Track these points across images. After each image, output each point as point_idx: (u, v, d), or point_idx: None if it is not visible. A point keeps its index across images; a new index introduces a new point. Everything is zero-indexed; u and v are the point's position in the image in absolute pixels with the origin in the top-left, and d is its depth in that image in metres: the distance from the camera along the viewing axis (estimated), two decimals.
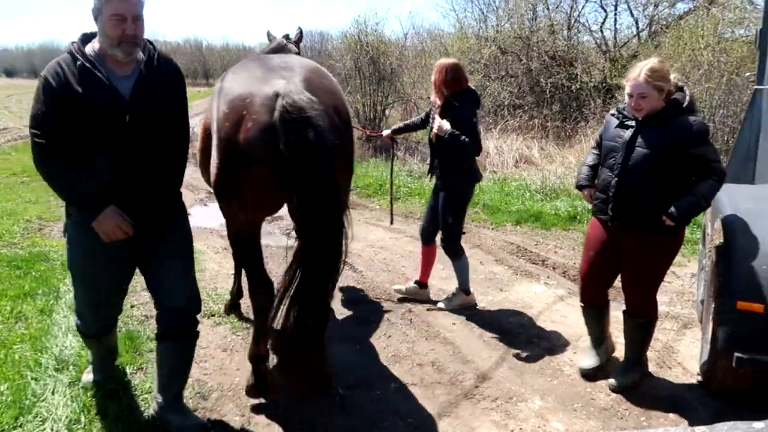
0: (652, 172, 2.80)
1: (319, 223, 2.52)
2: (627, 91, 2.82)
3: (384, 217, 6.96)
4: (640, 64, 2.82)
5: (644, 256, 2.94)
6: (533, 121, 11.04)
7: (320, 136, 2.41)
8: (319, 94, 2.57)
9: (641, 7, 11.86)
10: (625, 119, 2.93)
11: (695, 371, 3.30)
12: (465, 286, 4.25)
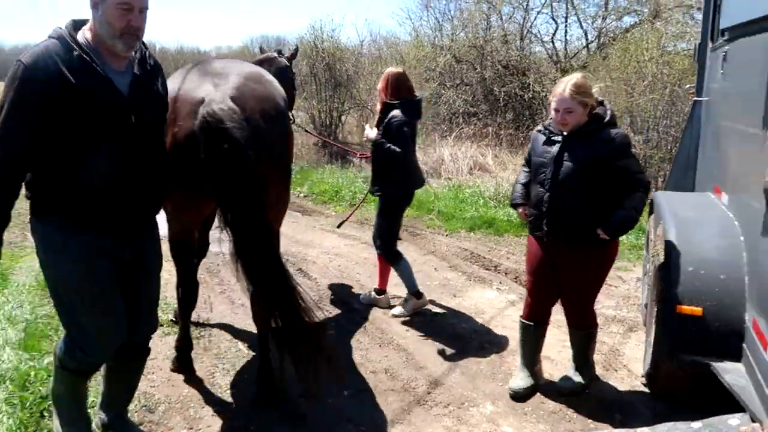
0: (580, 186, 2.83)
1: (240, 233, 2.51)
2: (553, 106, 2.85)
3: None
4: (565, 79, 2.87)
5: (577, 270, 2.97)
6: (487, 129, 11.21)
7: (235, 149, 2.42)
8: (249, 102, 2.62)
9: (590, 19, 12.24)
10: (552, 135, 2.95)
11: (640, 373, 3.40)
12: (413, 289, 4.26)
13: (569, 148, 2.86)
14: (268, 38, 31.60)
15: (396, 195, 4.15)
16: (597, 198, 2.84)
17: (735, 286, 2.64)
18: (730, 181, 3.11)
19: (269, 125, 2.71)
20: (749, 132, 2.69)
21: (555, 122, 2.90)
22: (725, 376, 2.47)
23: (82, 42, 2.11)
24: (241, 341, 3.83)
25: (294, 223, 6.73)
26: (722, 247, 2.80)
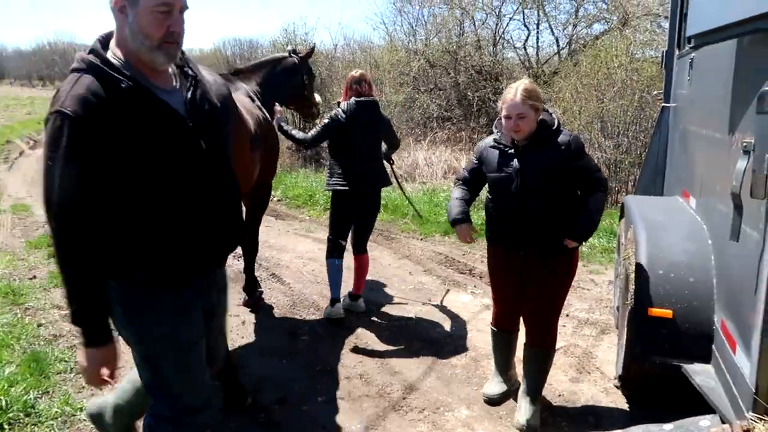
0: (550, 194, 2.76)
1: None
2: (504, 113, 2.73)
3: (314, 228, 6.89)
4: (513, 85, 2.76)
5: (547, 281, 2.89)
6: (461, 134, 11.29)
7: None
8: None
9: (561, 26, 12.43)
10: (506, 147, 2.84)
11: (612, 375, 3.43)
12: (332, 295, 4.23)
13: (530, 158, 2.76)
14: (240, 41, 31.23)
15: (331, 191, 4.14)
16: (564, 205, 2.80)
17: (704, 289, 2.69)
18: (697, 186, 3.17)
19: None
20: (716, 137, 2.75)
21: (507, 130, 2.77)
22: (695, 377, 2.51)
23: (118, 65, 1.71)
24: None
25: (268, 227, 6.65)
26: (691, 250, 2.85)
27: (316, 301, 4.61)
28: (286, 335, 4.00)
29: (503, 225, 2.87)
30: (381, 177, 4.16)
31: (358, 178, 3.99)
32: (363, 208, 4.14)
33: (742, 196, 2.17)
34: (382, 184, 4.17)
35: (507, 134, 2.80)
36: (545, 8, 12.20)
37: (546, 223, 2.78)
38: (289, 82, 4.53)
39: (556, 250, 2.82)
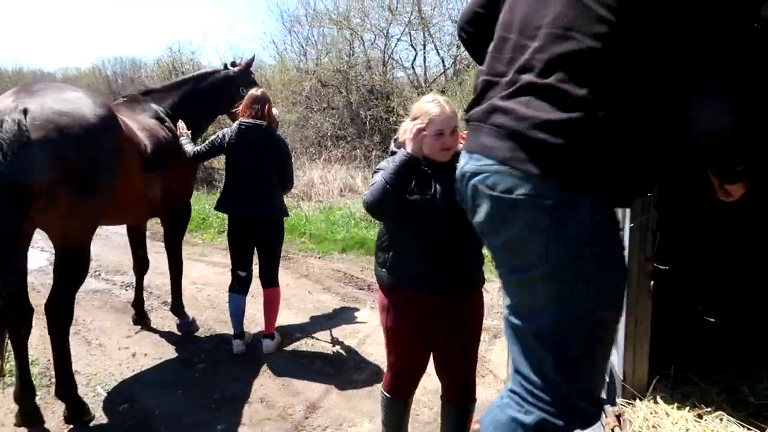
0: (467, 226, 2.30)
1: None
2: (435, 129, 2.27)
3: (208, 251, 6.68)
4: (430, 99, 2.36)
5: (469, 323, 2.47)
6: (356, 152, 11.47)
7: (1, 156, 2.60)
8: (47, 116, 2.77)
9: (446, 47, 13.07)
10: (424, 167, 2.35)
11: (504, 377, 3.63)
12: (233, 330, 4.05)
13: (445, 182, 2.28)
14: (122, 60, 29.80)
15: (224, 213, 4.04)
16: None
17: None
18: None
19: (65, 139, 2.79)
20: None
21: (435, 150, 2.31)
22: None
23: None
24: (99, 384, 3.53)
25: (158, 253, 6.35)
26: None
27: (212, 327, 4.48)
28: (181, 365, 3.84)
29: (422, 261, 2.33)
30: (269, 204, 3.85)
31: (242, 202, 3.80)
32: (255, 235, 3.92)
33: None
34: (269, 211, 3.86)
35: (433, 155, 2.33)
36: (430, 30, 12.79)
37: (471, 257, 2.40)
38: (219, 96, 4.40)
39: (474, 283, 2.45)
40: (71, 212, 2.87)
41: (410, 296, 2.39)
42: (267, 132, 3.80)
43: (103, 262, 6.12)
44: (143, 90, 4.29)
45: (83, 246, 3.07)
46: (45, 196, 2.74)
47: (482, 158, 1.53)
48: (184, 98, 4.25)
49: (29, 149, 2.66)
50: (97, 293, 5.18)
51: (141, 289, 4.46)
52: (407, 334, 2.44)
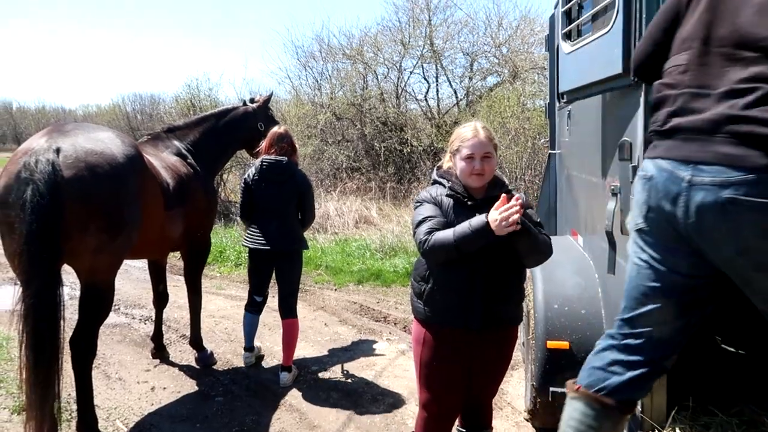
0: (508, 254, 2.28)
1: (26, 275, 2.75)
2: (464, 153, 2.29)
3: (225, 285, 6.75)
4: (467, 125, 2.39)
5: (499, 359, 2.47)
6: (371, 183, 11.59)
7: (35, 194, 2.70)
8: (79, 155, 2.90)
9: (458, 79, 13.27)
10: (464, 198, 2.32)
11: (522, 409, 3.60)
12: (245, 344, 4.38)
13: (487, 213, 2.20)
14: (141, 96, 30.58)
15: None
16: (518, 265, 2.36)
17: (595, 320, 2.93)
18: (582, 225, 3.48)
19: (95, 178, 2.90)
20: (592, 181, 3.07)
21: (466, 174, 2.30)
22: None
23: None
24: (119, 418, 3.56)
25: (175, 287, 6.43)
26: (581, 284, 3.10)
27: (230, 360, 4.50)
28: (199, 398, 3.86)
29: (459, 296, 2.29)
30: (290, 237, 3.99)
31: (262, 236, 3.96)
32: (274, 266, 4.06)
33: (614, 233, 2.43)
34: (289, 243, 3.99)
35: (465, 180, 2.33)
36: (442, 62, 13.00)
37: (510, 289, 2.37)
38: (239, 132, 4.54)
39: (512, 320, 2.43)
40: (99, 249, 2.96)
41: (446, 331, 2.34)
42: (287, 167, 3.97)
43: (123, 296, 6.20)
44: (166, 127, 4.40)
45: (109, 282, 3.14)
46: (75, 234, 2.84)
47: (727, 169, 1.55)
48: (206, 135, 4.37)
49: (62, 188, 2.77)
50: (117, 327, 5.24)
51: (160, 322, 4.51)
52: (442, 369, 2.38)
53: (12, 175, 2.82)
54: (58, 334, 2.88)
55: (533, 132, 9.46)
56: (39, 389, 2.78)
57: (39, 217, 2.69)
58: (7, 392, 3.84)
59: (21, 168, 2.77)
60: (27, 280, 2.75)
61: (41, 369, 2.77)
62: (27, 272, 2.74)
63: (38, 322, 2.75)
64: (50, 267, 2.77)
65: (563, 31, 3.25)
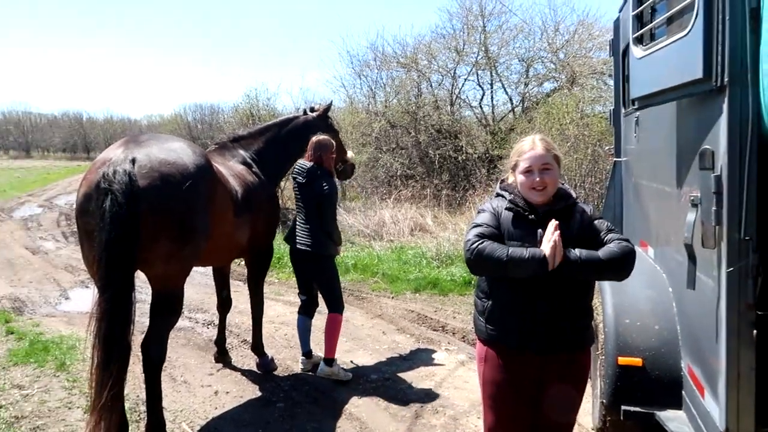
0: (576, 279, 2.17)
1: (104, 280, 2.85)
2: (523, 167, 2.21)
3: (284, 291, 6.85)
4: (527, 139, 2.31)
5: (574, 378, 2.29)
6: (425, 191, 11.55)
7: (114, 204, 2.81)
8: (153, 165, 3.02)
9: (514, 85, 13.08)
10: (525, 212, 2.22)
11: (590, 426, 3.47)
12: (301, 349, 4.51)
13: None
14: (202, 107, 31.70)
15: None
16: (589, 285, 2.27)
17: (669, 336, 2.80)
18: (654, 236, 3.34)
19: (168, 187, 3.01)
20: (665, 190, 2.93)
21: (526, 188, 2.23)
22: (669, 424, 2.57)
23: None
24: (185, 421, 3.65)
25: (236, 292, 6.58)
26: (654, 298, 2.97)
27: (290, 366, 4.55)
28: (261, 404, 3.92)
29: (522, 317, 2.18)
30: (313, 239, 4.13)
31: (294, 237, 4.26)
32: (305, 266, 4.30)
33: (694, 246, 2.32)
34: (312, 246, 4.12)
35: (526, 194, 2.24)
36: (497, 69, 12.85)
37: (576, 315, 2.22)
38: (300, 141, 4.60)
39: (581, 342, 2.27)
40: (170, 257, 3.06)
41: (511, 353, 2.23)
42: (312, 172, 4.15)
43: (186, 301, 6.34)
44: (232, 137, 4.53)
45: (179, 289, 3.24)
46: (148, 242, 2.94)
47: None
48: (268, 143, 4.48)
49: (138, 198, 2.88)
50: (181, 331, 5.39)
51: (223, 327, 4.62)
52: (507, 393, 2.26)
53: (92, 185, 2.96)
54: (128, 338, 2.98)
55: (593, 139, 9.21)
56: (108, 390, 2.88)
57: (117, 227, 2.81)
58: (80, 392, 4.00)
59: (100, 178, 2.89)
60: (103, 286, 2.86)
61: (110, 371, 2.88)
62: (104, 278, 2.86)
63: (112, 327, 2.86)
64: (126, 274, 2.89)
65: (635, 35, 3.13)
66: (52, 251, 9.48)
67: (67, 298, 6.68)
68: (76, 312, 6.11)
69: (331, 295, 4.27)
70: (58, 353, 4.67)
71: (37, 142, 48.65)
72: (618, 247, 2.15)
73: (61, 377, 4.27)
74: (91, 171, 3.08)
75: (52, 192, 19.81)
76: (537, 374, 2.23)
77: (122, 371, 2.97)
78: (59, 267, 8.28)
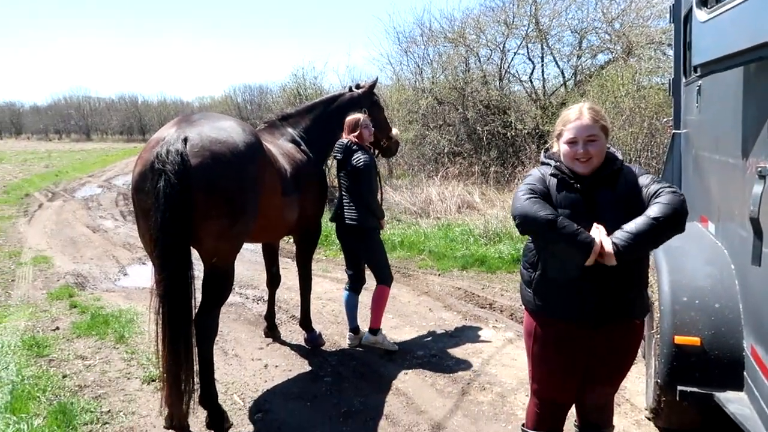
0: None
1: (161, 259, 2.94)
2: (567, 137, 2.16)
3: (331, 268, 6.92)
4: (574, 107, 2.23)
5: (624, 350, 2.28)
6: (473, 168, 11.38)
7: (167, 184, 2.88)
8: (204, 144, 3.05)
9: (566, 58, 12.63)
10: (570, 179, 2.18)
11: (643, 406, 3.37)
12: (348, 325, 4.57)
13: (602, 196, 2.13)
14: (251, 87, 32.17)
15: None
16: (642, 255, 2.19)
17: (731, 314, 2.66)
18: (715, 211, 3.17)
19: (218, 165, 3.04)
20: (729, 162, 2.77)
21: (570, 159, 2.17)
22: (729, 406, 2.45)
23: None
24: (236, 393, 3.75)
25: (285, 269, 6.69)
26: (714, 275, 2.82)
27: (337, 341, 4.60)
28: (309, 378, 3.99)
29: (571, 288, 2.16)
30: (354, 213, 4.22)
31: (338, 211, 4.35)
32: (345, 241, 4.40)
33: (761, 221, 2.17)
34: (354, 219, 4.21)
35: (569, 164, 2.19)
36: (548, 42, 12.42)
37: (623, 286, 2.14)
38: (345, 118, 4.60)
39: (633, 313, 2.22)
40: (221, 234, 3.11)
41: (559, 325, 2.21)
42: (346, 148, 4.22)
43: (237, 277, 6.52)
44: (281, 115, 4.55)
45: (229, 265, 3.30)
46: (200, 220, 3.00)
47: None
48: (315, 121, 4.48)
49: (190, 176, 2.94)
50: (233, 306, 5.53)
51: (273, 303, 4.70)
52: (555, 364, 2.27)
53: (147, 164, 3.03)
54: (190, 313, 3.07)
55: (650, 111, 8.83)
56: (176, 364, 2.98)
57: (171, 206, 2.88)
58: (138, 363, 4.17)
59: (154, 158, 2.96)
60: (161, 265, 2.94)
61: (180, 346, 2.99)
62: (161, 257, 2.94)
63: (173, 303, 2.95)
64: (182, 251, 2.96)
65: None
66: (111, 229, 9.88)
67: (126, 274, 6.95)
68: (133, 287, 6.35)
69: (377, 268, 4.34)
70: (117, 326, 4.87)
71: (96, 125, 50.69)
72: (666, 199, 2.05)
73: (120, 349, 4.46)
74: (146, 150, 3.15)
75: (110, 173, 20.61)
76: (586, 345, 2.21)
77: (187, 345, 3.06)
78: (118, 245, 8.62)
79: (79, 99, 52.44)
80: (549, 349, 2.27)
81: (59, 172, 20.68)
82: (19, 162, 25.51)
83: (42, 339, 4.64)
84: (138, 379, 3.94)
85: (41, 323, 5.09)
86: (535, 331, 2.30)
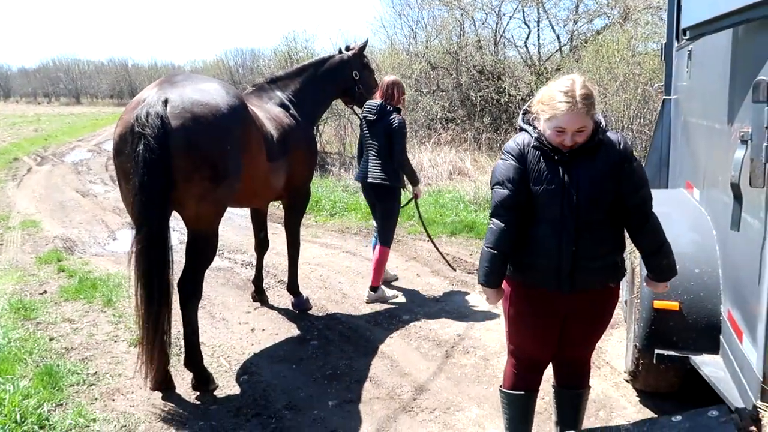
0: (603, 218, 2.15)
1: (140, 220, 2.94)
2: (554, 125, 2.08)
3: (320, 233, 6.92)
4: (564, 86, 2.08)
5: (597, 321, 2.34)
6: (465, 134, 11.30)
7: (147, 148, 2.85)
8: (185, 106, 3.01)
9: (562, 23, 12.41)
10: (551, 152, 2.14)
11: (622, 370, 3.43)
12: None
13: (582, 165, 2.12)
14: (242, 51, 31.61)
15: None
16: (617, 222, 2.21)
17: (710, 280, 2.68)
18: (700, 177, 3.16)
19: (200, 127, 3.01)
20: (716, 128, 2.75)
21: (555, 142, 2.13)
22: (704, 368, 2.50)
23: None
24: (222, 356, 3.79)
25: (274, 234, 6.68)
26: (696, 241, 2.84)
27: (324, 306, 4.63)
28: (295, 341, 4.02)
29: (546, 256, 2.16)
30: (383, 172, 4.46)
31: (362, 171, 4.61)
32: (371, 199, 4.72)
33: (741, 186, 2.17)
34: (382, 178, 4.46)
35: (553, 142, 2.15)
36: (545, 5, 12.19)
37: (604, 255, 2.18)
38: (336, 81, 4.62)
39: (607, 280, 2.25)
40: (203, 198, 3.08)
41: (533, 292, 2.25)
42: (380, 108, 4.44)
43: (226, 242, 6.54)
44: (269, 78, 4.47)
45: (213, 229, 3.28)
46: (181, 183, 2.97)
47: None
48: (305, 84, 4.42)
49: (170, 138, 2.90)
50: (221, 271, 5.54)
51: (261, 268, 4.70)
52: (531, 325, 2.31)
53: (127, 126, 2.99)
54: (167, 276, 3.05)
55: (644, 77, 8.74)
56: (151, 325, 3.00)
57: (150, 170, 2.86)
58: (125, 327, 4.19)
59: (134, 121, 2.92)
60: (139, 226, 2.94)
61: (153, 307, 2.99)
62: (138, 219, 2.93)
63: (149, 264, 2.94)
64: (159, 215, 2.95)
65: None
66: (100, 194, 9.81)
67: (115, 239, 6.94)
68: (122, 252, 6.33)
69: (387, 228, 4.64)
70: (105, 290, 4.88)
71: (86, 88, 49.81)
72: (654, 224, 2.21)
73: (108, 312, 4.47)
74: (126, 111, 3.10)
75: (100, 137, 20.38)
76: (561, 307, 2.24)
77: (163, 307, 3.06)
78: (107, 209, 8.58)
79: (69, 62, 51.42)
80: (525, 311, 2.30)
81: (48, 136, 20.43)
82: (7, 126, 25.16)
83: (29, 302, 4.64)
84: (125, 342, 3.96)
85: (29, 287, 5.09)
86: (511, 297, 2.32)
